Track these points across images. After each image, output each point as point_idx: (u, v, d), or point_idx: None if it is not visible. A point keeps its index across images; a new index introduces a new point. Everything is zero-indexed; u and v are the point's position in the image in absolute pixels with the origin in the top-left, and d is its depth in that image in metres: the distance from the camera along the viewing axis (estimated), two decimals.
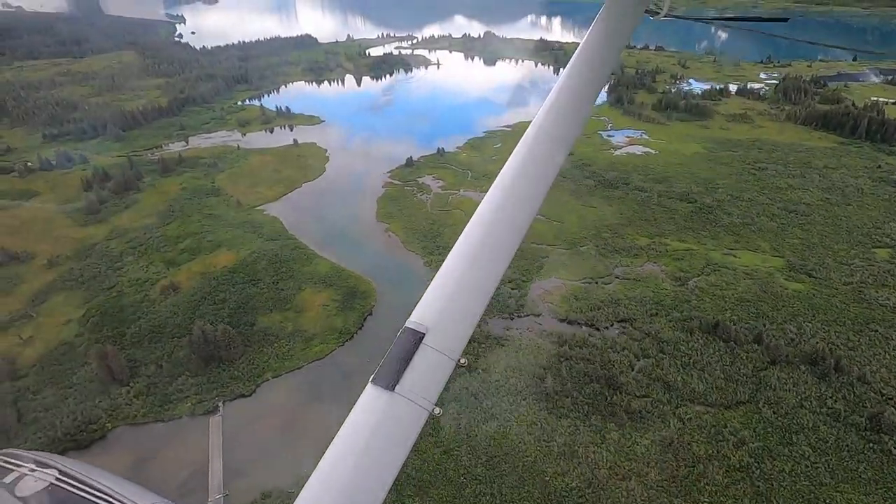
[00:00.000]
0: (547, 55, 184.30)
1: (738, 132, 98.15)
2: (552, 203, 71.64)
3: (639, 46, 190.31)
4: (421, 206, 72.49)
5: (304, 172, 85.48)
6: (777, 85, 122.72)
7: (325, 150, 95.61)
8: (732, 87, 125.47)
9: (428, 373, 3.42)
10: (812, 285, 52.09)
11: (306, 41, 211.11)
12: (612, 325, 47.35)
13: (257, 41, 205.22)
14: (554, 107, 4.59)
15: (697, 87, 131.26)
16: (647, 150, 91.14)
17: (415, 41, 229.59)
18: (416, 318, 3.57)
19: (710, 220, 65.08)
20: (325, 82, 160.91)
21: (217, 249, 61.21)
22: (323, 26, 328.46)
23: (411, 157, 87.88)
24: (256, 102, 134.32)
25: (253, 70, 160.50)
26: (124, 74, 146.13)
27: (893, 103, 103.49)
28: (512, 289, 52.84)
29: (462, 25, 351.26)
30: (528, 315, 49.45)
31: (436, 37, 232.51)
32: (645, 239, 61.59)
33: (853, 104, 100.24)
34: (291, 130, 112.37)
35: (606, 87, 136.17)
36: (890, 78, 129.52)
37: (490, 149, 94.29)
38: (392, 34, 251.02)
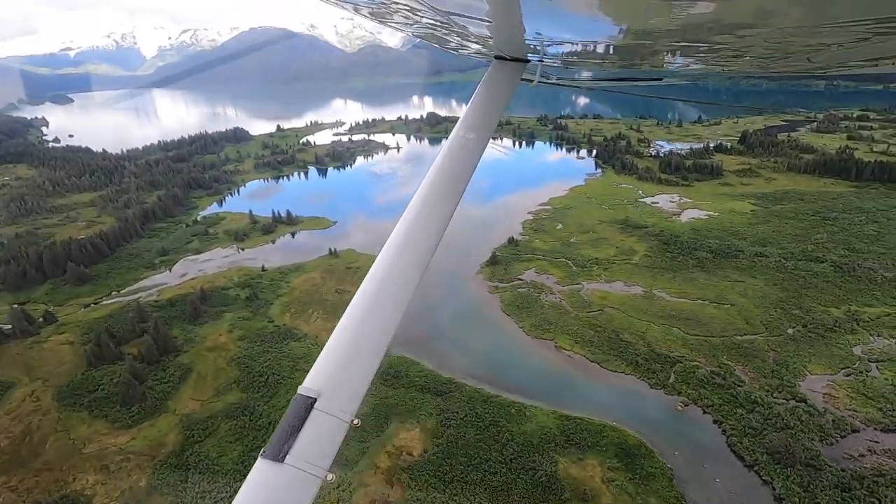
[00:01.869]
0: (501, 131, 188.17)
1: (759, 186, 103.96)
2: (685, 282, 65.78)
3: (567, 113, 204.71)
4: (561, 310, 61.33)
5: None
6: (740, 139, 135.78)
7: (374, 256, 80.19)
8: (696, 146, 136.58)
9: (320, 438, 3.29)
10: None
11: (238, 134, 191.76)
12: None
13: (181, 139, 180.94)
14: (443, 168, 4.70)
15: (670, 147, 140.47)
16: (707, 213, 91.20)
17: (352, 126, 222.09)
18: (308, 384, 3.42)
19: (862, 278, 63.53)
20: (286, 177, 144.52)
21: (384, 425, 43.27)
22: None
23: (496, 255, 76.91)
24: (222, 208, 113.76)
25: (196, 171, 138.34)
26: (35, 194, 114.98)
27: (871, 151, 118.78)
28: (786, 399, 43.96)
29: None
30: (847, 434, 40.52)
31: (371, 120, 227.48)
32: (833, 309, 57.45)
33: (836, 151, 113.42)
34: (293, 237, 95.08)
35: (593, 154, 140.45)
36: (816, 126, 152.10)
37: (556, 231, 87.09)
38: (319, 121, 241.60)
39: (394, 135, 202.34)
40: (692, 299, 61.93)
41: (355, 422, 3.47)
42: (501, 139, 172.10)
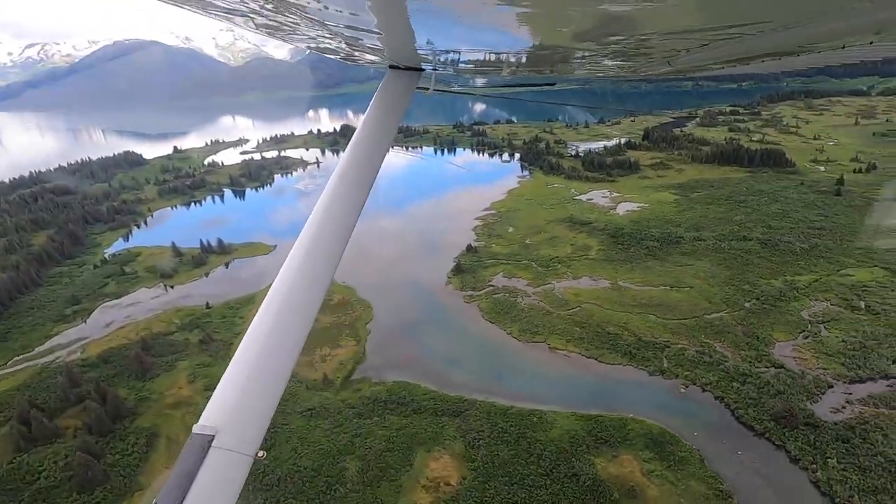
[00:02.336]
0: (419, 139, 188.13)
1: (672, 178, 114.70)
2: (643, 271, 70.36)
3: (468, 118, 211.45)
4: (542, 311, 62.08)
5: (348, 314, 65.14)
6: (644, 136, 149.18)
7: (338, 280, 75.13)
8: (608, 143, 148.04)
9: (221, 479, 3.10)
10: None
11: (131, 159, 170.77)
12: None
13: (59, 168, 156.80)
14: (342, 180, 4.70)
15: (586, 147, 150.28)
16: (638, 205, 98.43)
17: (259, 143, 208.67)
18: (204, 421, 3.26)
19: (785, 251, 72.30)
20: (198, 202, 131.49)
21: (409, 458, 39.99)
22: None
23: (460, 263, 75.99)
24: (129, 243, 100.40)
25: (89, 204, 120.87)
26: None
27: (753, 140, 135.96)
28: (767, 367, 48.40)
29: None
30: (825, 390, 45.37)
31: (279, 136, 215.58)
32: (773, 281, 64.54)
33: (725, 141, 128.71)
34: (227, 267, 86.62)
35: (517, 157, 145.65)
36: (699, 121, 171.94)
37: (509, 234, 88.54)
38: (220, 139, 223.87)
39: (307, 150, 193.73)
40: (655, 286, 66.08)
41: (260, 454, 3.34)
42: (442, 152, 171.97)
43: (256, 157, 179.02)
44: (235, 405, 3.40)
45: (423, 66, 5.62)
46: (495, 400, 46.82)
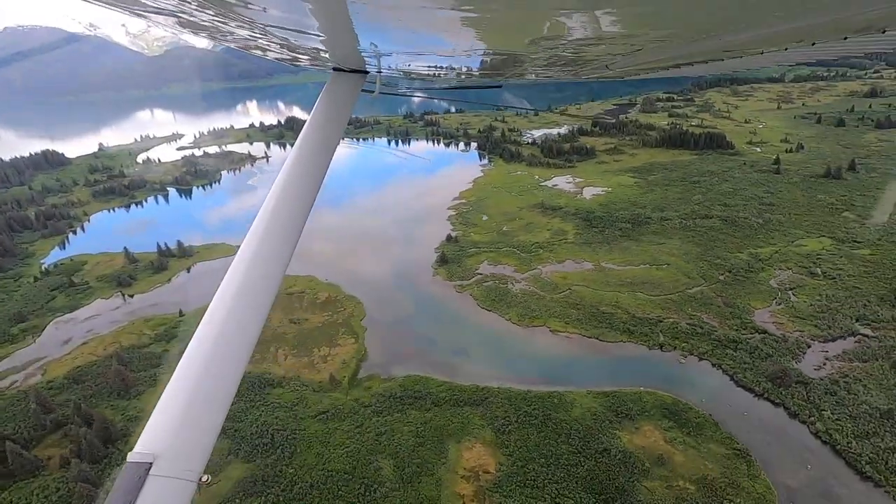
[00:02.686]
0: (370, 130, 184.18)
1: (628, 162, 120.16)
2: (621, 252, 73.57)
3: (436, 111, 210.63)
4: (535, 296, 63.25)
5: (339, 311, 63.00)
6: (593, 123, 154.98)
7: (309, 276, 72.25)
8: (560, 130, 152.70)
9: None
10: None
11: (52, 159, 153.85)
12: None
13: None
14: (288, 183, 4.70)
15: (540, 133, 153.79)
16: (602, 189, 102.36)
17: (197, 137, 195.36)
18: (141, 448, 3.14)
19: (744, 226, 78.17)
20: (139, 203, 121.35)
21: (442, 450, 39.44)
22: None
23: (444, 253, 75.53)
24: (66, 252, 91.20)
25: (10, 209, 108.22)
26: None
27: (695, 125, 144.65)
28: (752, 333, 52.41)
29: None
30: (805, 350, 49.80)
31: (217, 129, 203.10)
32: (739, 254, 69.65)
33: (668, 126, 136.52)
34: (188, 272, 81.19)
35: (475, 146, 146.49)
36: (640, 108, 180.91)
37: (484, 222, 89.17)
38: (152, 135, 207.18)
39: (251, 143, 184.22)
40: (636, 265, 69.29)
41: (204, 479, 3.17)
42: (408, 143, 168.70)
43: (197, 152, 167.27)
44: (176, 428, 3.21)
45: (367, 69, 5.56)
46: (510, 385, 47.32)
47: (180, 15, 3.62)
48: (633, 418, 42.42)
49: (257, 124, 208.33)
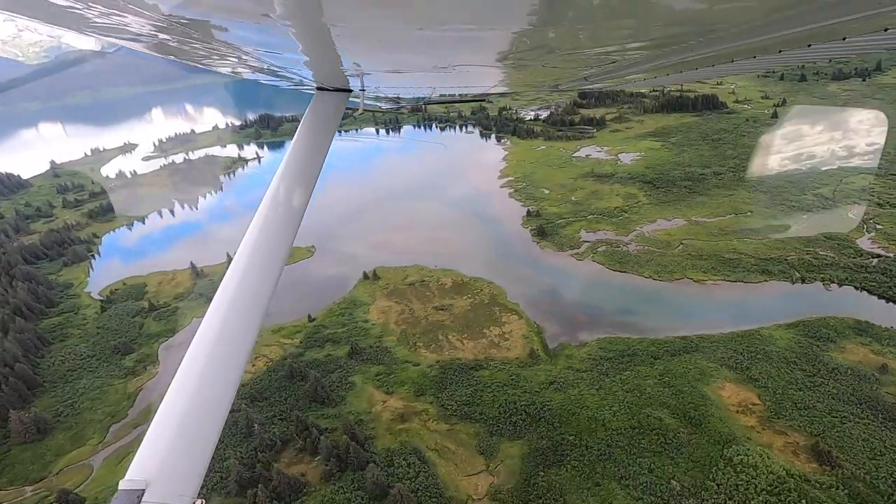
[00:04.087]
0: (353, 122, 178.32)
1: (640, 128, 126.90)
2: (699, 206, 79.14)
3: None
4: (656, 252, 66.82)
5: (476, 294, 62.74)
6: (581, 95, 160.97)
7: (401, 267, 70.88)
8: (553, 107, 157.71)
9: None
10: None
11: (8, 182, 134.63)
12: None
13: None
14: (275, 202, 4.63)
15: (538, 109, 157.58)
16: (636, 154, 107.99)
17: (157, 145, 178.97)
18: (133, 475, 3.06)
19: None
20: (141, 220, 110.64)
21: (709, 403, 41.74)
22: None
23: (540, 227, 76.87)
24: (108, 277, 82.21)
25: (12, 241, 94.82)
26: None
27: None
28: (869, 258, 59.44)
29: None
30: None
31: (177, 135, 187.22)
32: (807, 196, 77.51)
33: (661, 93, 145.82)
34: None
35: (476, 128, 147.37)
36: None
37: (548, 196, 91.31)
38: (102, 147, 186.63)
39: (224, 146, 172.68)
40: (723, 216, 75.01)
41: (198, 503, 3.17)
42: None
43: (165, 161, 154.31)
44: (168, 453, 3.20)
45: (350, 87, 5.69)
46: (703, 332, 50.54)
47: (166, 42, 3.63)
48: (834, 340, 47.27)
49: (233, 124, 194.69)
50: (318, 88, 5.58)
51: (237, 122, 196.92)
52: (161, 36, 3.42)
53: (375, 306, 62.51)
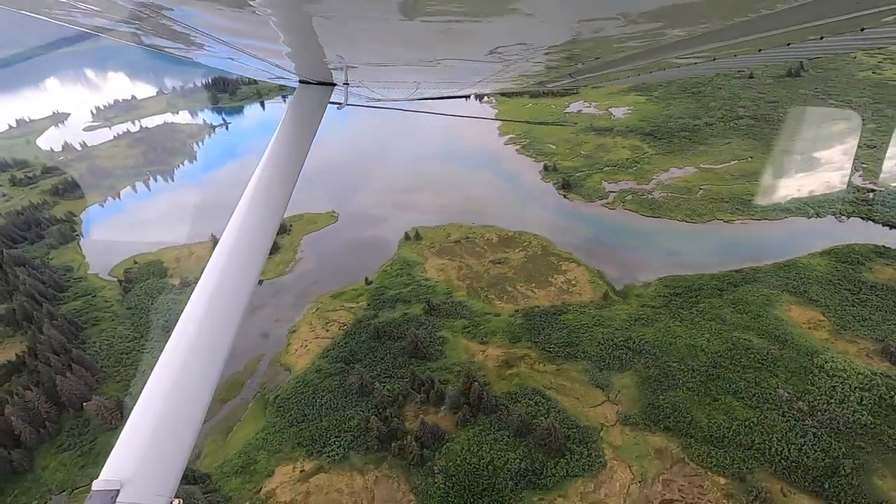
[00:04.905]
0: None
1: (620, 84, 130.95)
2: (703, 155, 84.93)
3: None
4: (681, 199, 71.56)
5: (525, 246, 64.58)
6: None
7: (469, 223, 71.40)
8: None
9: None
10: None
11: None
12: None
13: None
14: (256, 196, 4.59)
15: None
16: (626, 108, 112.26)
17: (96, 112, 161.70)
18: (107, 474, 2.95)
19: (772, 120, 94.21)
20: (115, 196, 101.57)
21: (784, 322, 46.78)
22: None
23: (565, 179, 79.25)
24: (109, 258, 76.03)
25: None
26: None
27: None
28: None
29: None
30: None
31: (119, 101, 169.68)
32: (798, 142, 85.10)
33: None
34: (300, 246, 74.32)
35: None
36: None
37: (555, 151, 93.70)
38: (26, 118, 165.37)
39: (176, 113, 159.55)
40: (728, 162, 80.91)
41: (175, 503, 3.09)
42: None
43: (130, 130, 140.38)
44: (144, 451, 3.10)
45: (334, 81, 5.62)
46: (752, 265, 55.75)
47: (146, 30, 3.70)
48: (863, 263, 53.88)
49: (182, 87, 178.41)
50: (301, 82, 5.47)
51: (174, 87, 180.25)
52: (136, 24, 3.34)
53: (430, 265, 62.84)
